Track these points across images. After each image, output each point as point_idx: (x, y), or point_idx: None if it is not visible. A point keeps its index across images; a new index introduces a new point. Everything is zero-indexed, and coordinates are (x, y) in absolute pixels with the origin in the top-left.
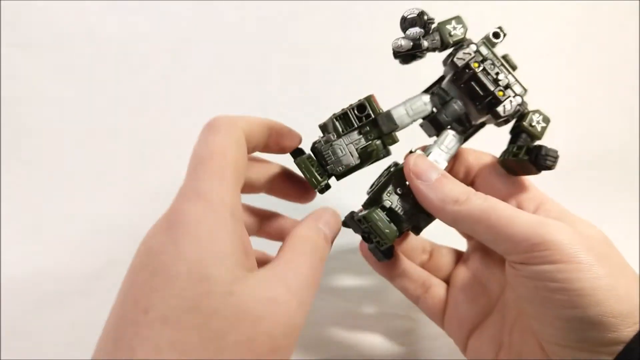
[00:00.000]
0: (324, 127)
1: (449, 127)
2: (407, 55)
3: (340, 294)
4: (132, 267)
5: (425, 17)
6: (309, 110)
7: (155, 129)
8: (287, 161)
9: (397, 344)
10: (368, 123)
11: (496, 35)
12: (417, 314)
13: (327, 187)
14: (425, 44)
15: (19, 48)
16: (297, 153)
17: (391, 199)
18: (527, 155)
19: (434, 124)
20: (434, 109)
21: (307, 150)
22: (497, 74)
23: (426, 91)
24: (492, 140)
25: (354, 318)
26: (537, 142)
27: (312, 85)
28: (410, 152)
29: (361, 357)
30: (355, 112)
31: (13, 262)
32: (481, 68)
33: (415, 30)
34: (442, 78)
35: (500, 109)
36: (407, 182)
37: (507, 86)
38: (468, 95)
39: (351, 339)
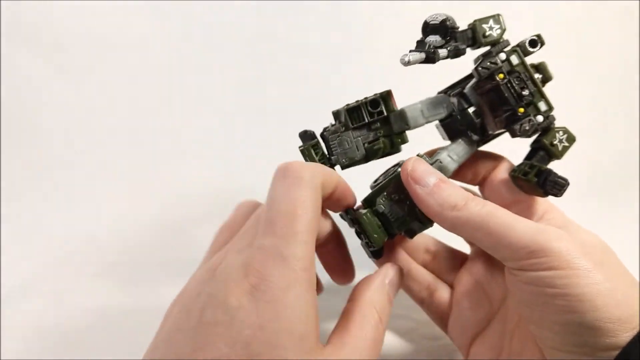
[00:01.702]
0: (336, 115)
1: (463, 135)
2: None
3: (341, 293)
4: (194, 311)
5: (448, 23)
6: (309, 111)
7: (155, 129)
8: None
9: (397, 344)
10: (379, 119)
11: (533, 43)
12: (418, 314)
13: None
14: (441, 54)
15: (19, 48)
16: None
17: (385, 204)
18: (536, 178)
19: (447, 130)
20: (452, 113)
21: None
22: (522, 88)
23: (448, 90)
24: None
25: None
26: (555, 162)
27: (312, 86)
28: (418, 155)
29: None
30: (369, 107)
31: (13, 262)
32: (506, 80)
33: (434, 39)
34: (469, 77)
35: (516, 127)
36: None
37: (531, 103)
38: (488, 105)
39: None
